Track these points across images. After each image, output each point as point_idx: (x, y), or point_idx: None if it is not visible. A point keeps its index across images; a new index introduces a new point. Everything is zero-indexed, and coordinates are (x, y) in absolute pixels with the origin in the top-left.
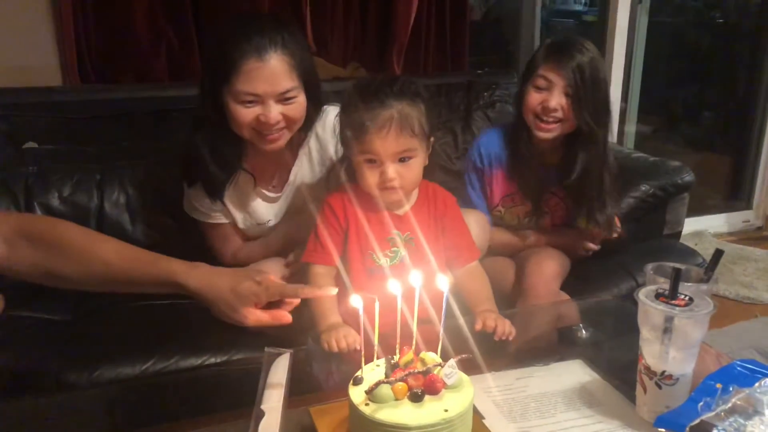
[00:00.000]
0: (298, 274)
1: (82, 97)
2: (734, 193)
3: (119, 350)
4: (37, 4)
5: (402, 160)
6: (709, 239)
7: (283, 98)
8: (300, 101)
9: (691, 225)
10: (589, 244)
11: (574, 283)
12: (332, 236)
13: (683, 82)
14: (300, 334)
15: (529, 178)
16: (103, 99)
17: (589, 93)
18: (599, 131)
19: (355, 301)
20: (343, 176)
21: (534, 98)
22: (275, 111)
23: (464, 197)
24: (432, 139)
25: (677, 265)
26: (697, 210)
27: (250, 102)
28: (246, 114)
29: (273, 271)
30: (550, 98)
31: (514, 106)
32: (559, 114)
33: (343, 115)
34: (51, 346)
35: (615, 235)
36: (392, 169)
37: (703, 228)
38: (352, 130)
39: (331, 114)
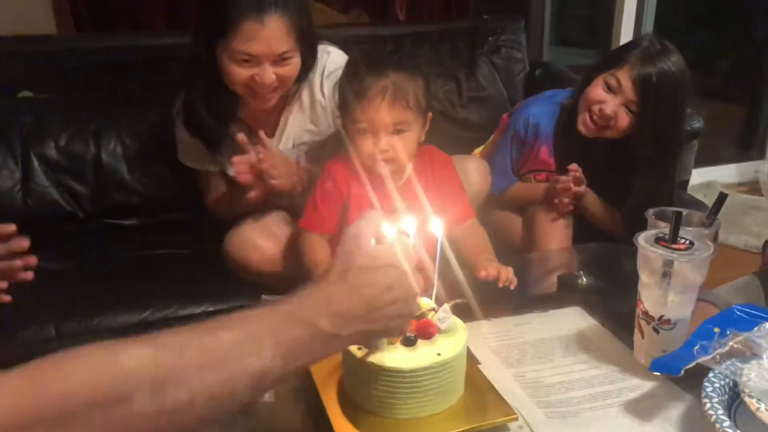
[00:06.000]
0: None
1: (77, 45)
2: (747, 143)
3: (118, 299)
4: None
5: (396, 132)
6: (719, 190)
7: (279, 60)
8: (295, 62)
9: (701, 176)
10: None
11: (580, 231)
12: (331, 204)
13: (698, 29)
14: (298, 283)
15: (573, 161)
16: (97, 47)
17: (658, 116)
18: (662, 162)
19: None
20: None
21: (595, 94)
22: (269, 72)
23: (488, 159)
24: (430, 114)
25: (678, 209)
26: (708, 160)
27: (245, 61)
28: (240, 73)
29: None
30: (610, 103)
31: (579, 86)
32: (611, 124)
33: (341, 84)
34: (50, 296)
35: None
36: (384, 140)
37: (713, 179)
38: (347, 99)
39: (322, 56)
